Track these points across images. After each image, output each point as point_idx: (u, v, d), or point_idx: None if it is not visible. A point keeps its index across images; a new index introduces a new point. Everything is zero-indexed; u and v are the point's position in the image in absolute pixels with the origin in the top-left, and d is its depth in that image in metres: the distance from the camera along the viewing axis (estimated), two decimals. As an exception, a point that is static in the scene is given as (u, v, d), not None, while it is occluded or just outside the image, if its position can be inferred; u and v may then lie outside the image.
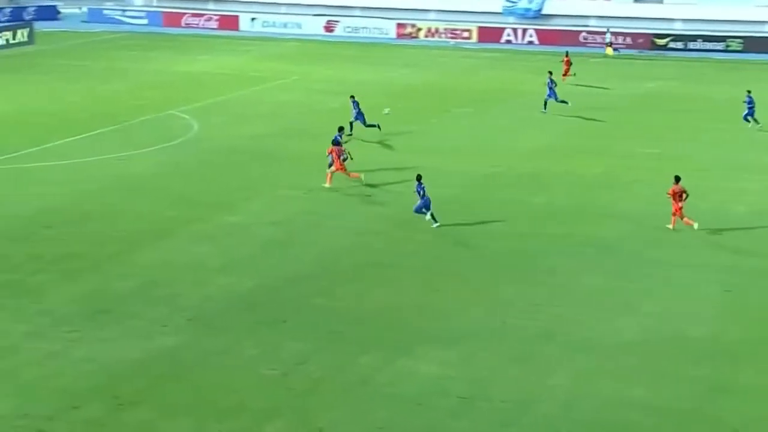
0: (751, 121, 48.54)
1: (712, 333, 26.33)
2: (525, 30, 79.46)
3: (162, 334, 25.85)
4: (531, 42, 78.29)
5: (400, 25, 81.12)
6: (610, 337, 25.94)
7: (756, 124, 48.42)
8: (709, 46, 75.08)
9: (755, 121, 48.51)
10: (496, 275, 30.24)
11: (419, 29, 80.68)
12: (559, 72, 57.83)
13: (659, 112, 53.33)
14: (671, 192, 33.94)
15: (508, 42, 78.89)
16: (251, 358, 24.56)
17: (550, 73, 52.99)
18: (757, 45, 74.20)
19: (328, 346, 25.27)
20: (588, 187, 39.00)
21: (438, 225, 34.15)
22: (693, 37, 75.94)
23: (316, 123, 49.12)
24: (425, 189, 34.46)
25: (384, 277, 30.04)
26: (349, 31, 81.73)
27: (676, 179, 34.16)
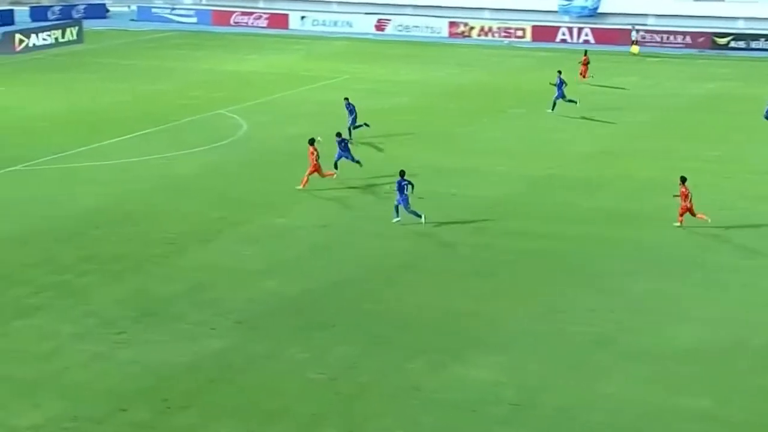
0: None
1: (772, 341, 26.22)
2: (581, 29, 79.12)
3: (209, 336, 26.17)
4: (587, 41, 77.96)
5: (452, 23, 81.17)
6: (665, 345, 25.83)
7: None
8: (772, 45, 74.65)
9: None
10: (546, 279, 30.23)
11: (472, 28, 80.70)
12: (572, 72, 57.35)
13: (719, 114, 52.95)
14: (681, 194, 34.25)
15: (563, 41, 78.59)
16: (298, 362, 24.77)
17: (560, 72, 52.76)
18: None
19: (376, 350, 25.43)
20: (642, 191, 38.82)
21: (398, 221, 34.44)
22: (755, 36, 75.27)
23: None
24: (406, 187, 34.54)
25: (430, 281, 30.14)
26: (400, 30, 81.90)
27: (682, 180, 34.42)
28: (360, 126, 45.84)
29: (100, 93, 57.64)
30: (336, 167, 39.77)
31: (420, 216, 34.43)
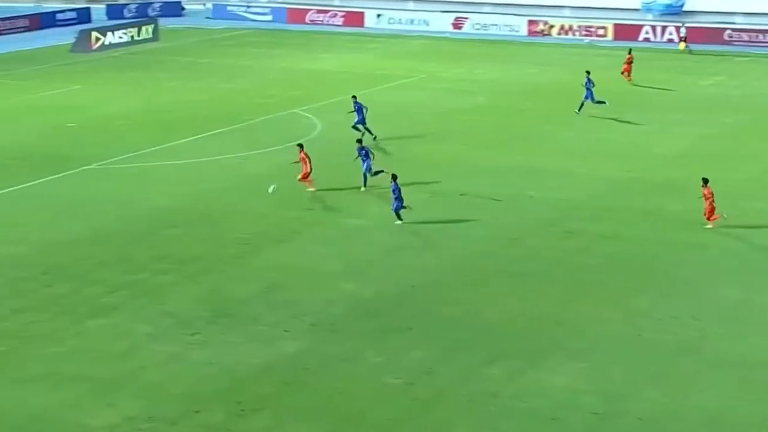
0: None
1: None
2: (664, 27, 78.25)
3: (284, 339, 26.27)
4: (671, 40, 77.09)
5: (531, 22, 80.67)
6: (754, 354, 25.44)
7: None
8: None
9: None
10: (629, 285, 29.88)
11: (552, 26, 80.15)
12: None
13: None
14: (705, 194, 34.30)
15: (647, 40, 77.79)
16: (375, 366, 24.78)
17: (588, 72, 52.00)
18: None
19: (454, 355, 25.32)
20: (730, 196, 38.09)
21: (401, 223, 34.56)
22: None
23: (440, 124, 49.35)
24: (400, 190, 34.65)
25: (510, 285, 29.97)
26: (478, 29, 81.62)
27: (704, 181, 34.34)
28: (363, 131, 45.54)
29: (175, 91, 58.29)
30: (370, 176, 38.86)
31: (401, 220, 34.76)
